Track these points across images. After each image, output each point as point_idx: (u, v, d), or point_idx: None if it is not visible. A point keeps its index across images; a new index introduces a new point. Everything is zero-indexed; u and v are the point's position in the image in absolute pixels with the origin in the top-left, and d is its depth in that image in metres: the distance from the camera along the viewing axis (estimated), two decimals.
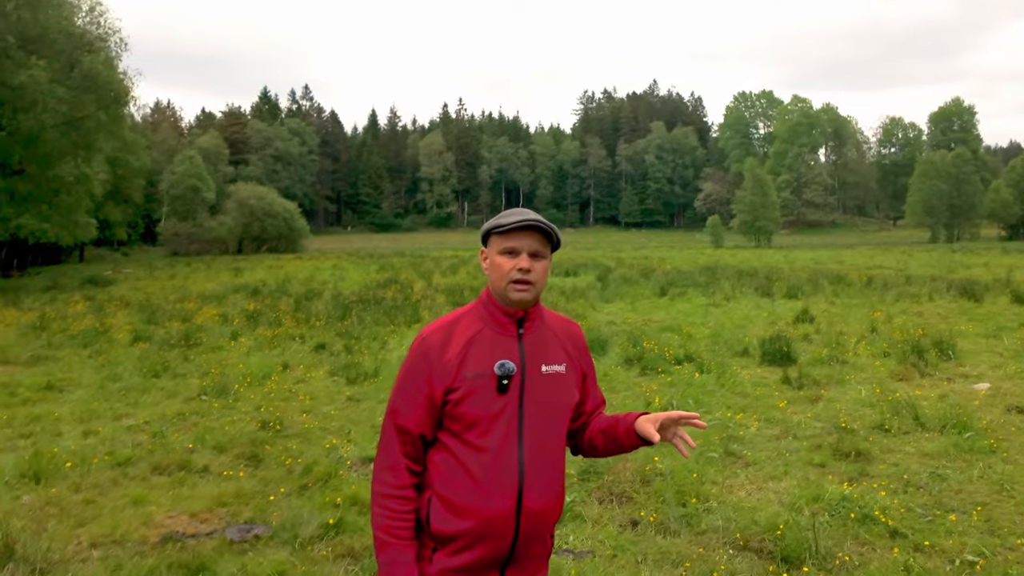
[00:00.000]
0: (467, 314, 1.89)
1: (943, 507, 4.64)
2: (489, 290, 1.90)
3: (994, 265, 31.24)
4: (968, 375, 8.80)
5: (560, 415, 1.87)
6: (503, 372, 1.78)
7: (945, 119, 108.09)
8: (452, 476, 1.78)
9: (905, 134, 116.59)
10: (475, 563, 1.77)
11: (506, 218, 1.84)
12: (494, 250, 1.86)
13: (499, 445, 1.76)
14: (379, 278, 25.16)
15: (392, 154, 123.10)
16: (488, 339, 1.83)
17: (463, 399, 1.77)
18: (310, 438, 6.31)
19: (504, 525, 1.76)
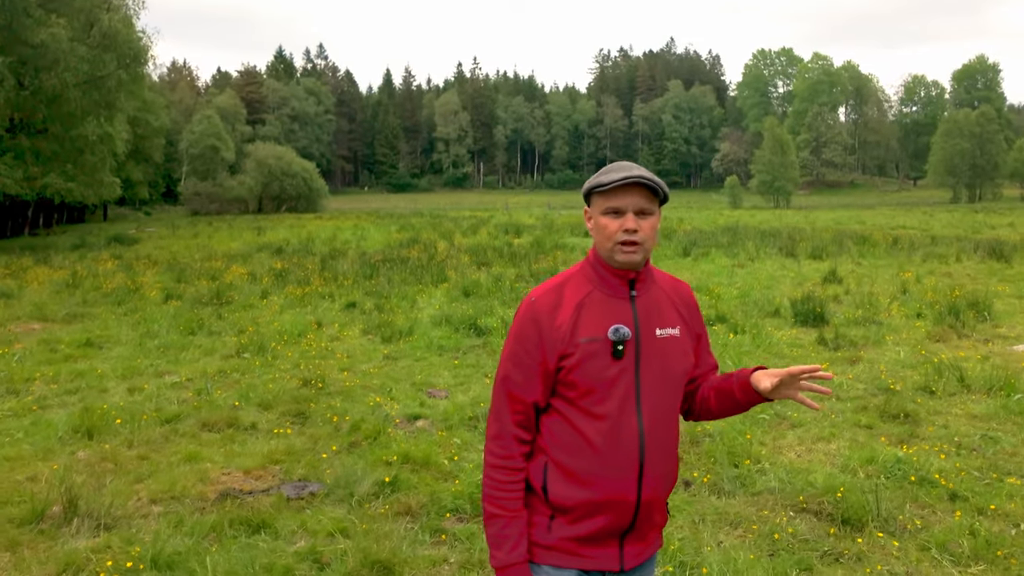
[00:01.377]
0: (575, 276, 1.76)
1: (999, 470, 4.54)
2: (595, 250, 1.76)
3: (1019, 225, 30.63)
4: (1006, 336, 8.62)
5: (677, 380, 1.76)
6: (617, 337, 1.66)
7: (969, 77, 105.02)
8: (570, 444, 1.68)
9: (928, 92, 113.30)
10: (596, 532, 1.69)
11: (608, 175, 1.70)
12: (597, 210, 1.72)
13: (617, 413, 1.66)
14: (401, 238, 25.07)
15: (407, 114, 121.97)
16: (599, 302, 1.71)
17: (577, 366, 1.66)
18: (352, 396, 6.28)
19: (627, 495, 1.68)
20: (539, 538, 1.70)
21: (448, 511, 3.97)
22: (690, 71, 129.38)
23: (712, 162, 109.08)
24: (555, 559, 1.70)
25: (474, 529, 3.78)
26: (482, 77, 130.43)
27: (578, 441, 1.67)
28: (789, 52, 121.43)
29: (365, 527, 3.71)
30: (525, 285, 12.76)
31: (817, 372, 1.73)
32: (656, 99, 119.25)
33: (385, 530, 3.67)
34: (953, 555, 3.49)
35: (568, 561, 1.70)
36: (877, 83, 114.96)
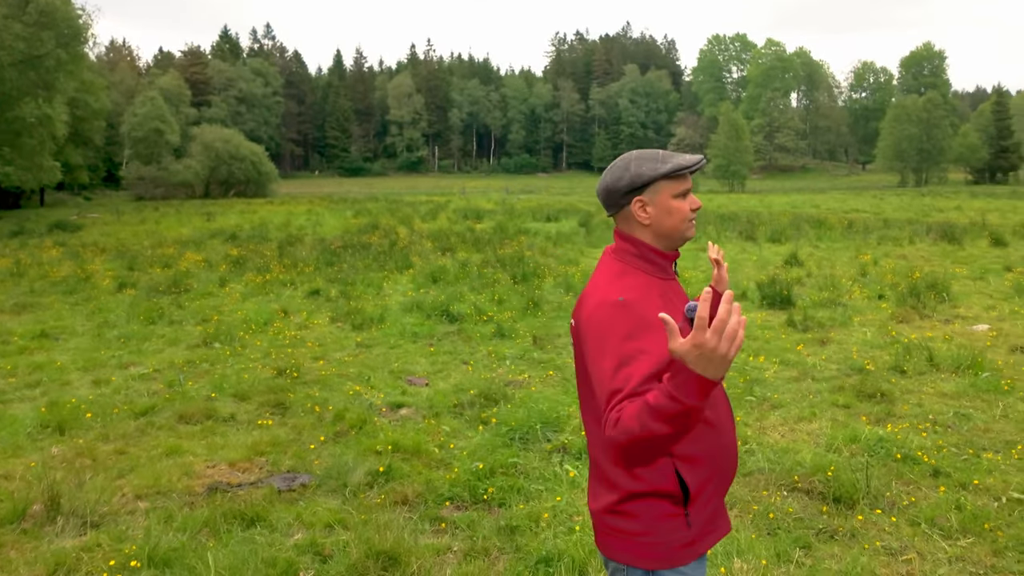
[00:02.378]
0: (627, 269, 1.75)
1: (975, 446, 4.74)
2: (639, 241, 1.76)
3: (966, 208, 31.83)
4: (965, 317, 8.96)
5: None
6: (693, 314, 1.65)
7: (916, 64, 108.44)
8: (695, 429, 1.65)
9: (876, 79, 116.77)
10: (718, 499, 1.77)
11: (675, 159, 1.73)
12: (667, 195, 1.74)
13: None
14: (358, 223, 24.74)
15: (359, 96, 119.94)
16: (660, 286, 1.76)
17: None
18: (330, 385, 6.20)
19: (734, 454, 1.80)
20: (680, 541, 1.70)
21: (446, 499, 3.96)
22: (646, 56, 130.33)
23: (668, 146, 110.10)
24: (697, 549, 1.72)
25: (473, 517, 3.79)
26: (436, 59, 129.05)
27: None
28: (743, 38, 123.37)
29: (363, 518, 3.67)
30: (492, 271, 12.74)
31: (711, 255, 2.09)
32: (612, 83, 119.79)
33: (384, 520, 3.64)
34: (942, 529, 3.64)
35: (707, 542, 1.74)
36: (828, 69, 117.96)
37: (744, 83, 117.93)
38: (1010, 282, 11.19)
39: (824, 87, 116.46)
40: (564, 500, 3.93)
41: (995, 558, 3.38)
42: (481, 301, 10.01)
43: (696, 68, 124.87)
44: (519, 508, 3.87)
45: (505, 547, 3.51)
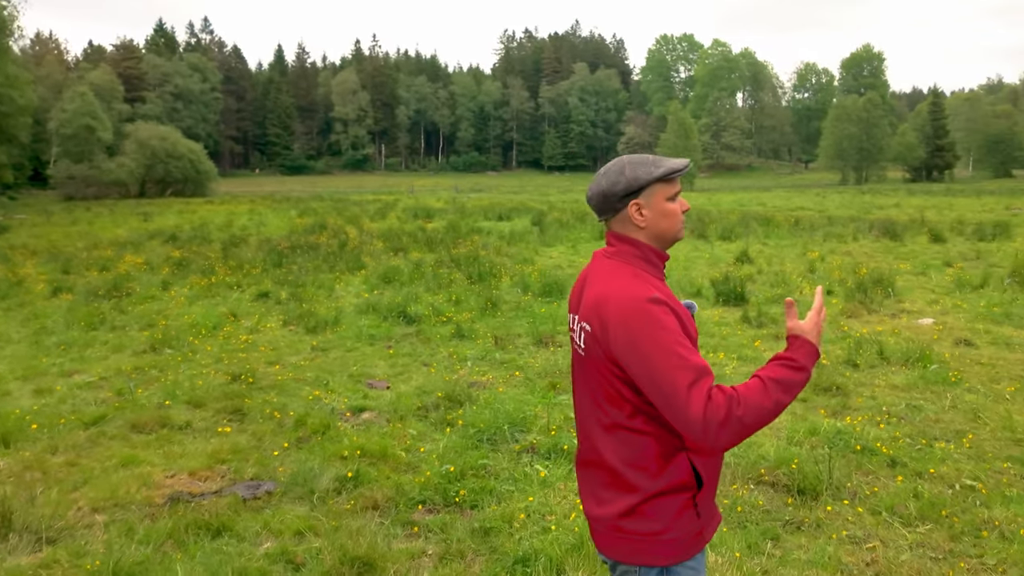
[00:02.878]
0: (633, 270, 1.79)
1: (927, 436, 4.97)
2: (640, 243, 1.82)
3: (905, 206, 33.20)
4: (910, 311, 9.37)
5: None
6: (693, 311, 1.86)
7: (856, 65, 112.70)
8: None
9: (818, 79, 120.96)
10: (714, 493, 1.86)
11: (667, 163, 1.80)
12: (662, 197, 1.81)
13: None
14: (304, 223, 24.34)
15: (302, 92, 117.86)
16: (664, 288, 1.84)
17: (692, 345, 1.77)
18: (287, 390, 6.10)
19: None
20: (692, 532, 1.76)
21: (417, 503, 3.96)
22: (595, 54, 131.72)
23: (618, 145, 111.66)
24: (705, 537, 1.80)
25: (446, 520, 3.79)
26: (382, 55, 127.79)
27: None
28: (690, 38, 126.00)
29: (334, 524, 3.64)
30: (447, 271, 12.72)
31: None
32: (562, 82, 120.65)
33: (355, 526, 3.62)
34: (902, 517, 3.81)
35: (711, 530, 1.82)
36: (772, 70, 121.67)
37: (691, 83, 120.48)
38: (951, 277, 11.75)
39: (768, 87, 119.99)
40: (537, 500, 3.97)
41: (952, 543, 3.56)
42: (438, 302, 9.99)
43: (644, 67, 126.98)
44: (492, 509, 3.89)
45: (480, 549, 3.54)
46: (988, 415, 5.32)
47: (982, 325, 8.31)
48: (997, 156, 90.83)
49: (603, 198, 1.83)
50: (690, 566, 1.77)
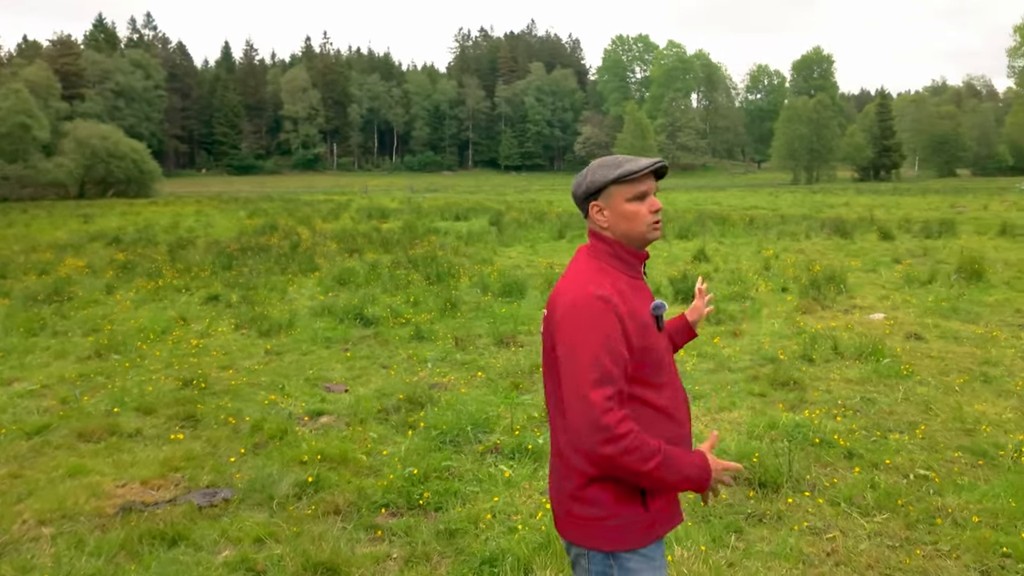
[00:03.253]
0: (602, 267, 1.86)
1: (882, 428, 5.14)
2: (612, 240, 1.89)
3: (854, 204, 34.24)
4: (861, 307, 9.67)
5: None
6: (659, 312, 1.89)
7: (806, 67, 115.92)
8: (650, 420, 1.81)
9: (771, 81, 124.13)
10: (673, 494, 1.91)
11: (629, 164, 1.84)
12: (621, 199, 1.86)
13: (672, 376, 1.92)
14: (254, 224, 23.92)
15: (250, 90, 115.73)
16: (634, 286, 1.89)
17: (648, 345, 1.82)
18: (242, 395, 5.99)
19: (690, 442, 1.95)
20: (639, 524, 1.81)
21: (381, 507, 3.93)
22: (551, 54, 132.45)
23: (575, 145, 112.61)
24: (657, 532, 1.85)
25: (411, 523, 3.78)
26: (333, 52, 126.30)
27: (655, 414, 1.83)
28: (646, 39, 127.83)
29: (295, 530, 3.59)
30: (405, 272, 12.65)
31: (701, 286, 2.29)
32: (518, 81, 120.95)
33: (317, 531, 3.57)
34: (860, 507, 3.94)
35: (666, 527, 1.87)
36: (726, 71, 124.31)
37: (647, 83, 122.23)
38: (899, 273, 12.16)
39: (722, 88, 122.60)
40: (502, 500, 3.98)
41: (908, 531, 3.69)
42: (396, 303, 9.93)
43: (601, 68, 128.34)
44: (457, 511, 3.89)
45: (446, 551, 3.53)
46: (939, 406, 5.53)
47: (931, 319, 8.62)
48: (942, 156, 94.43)
49: (574, 199, 1.94)
50: (640, 556, 1.81)
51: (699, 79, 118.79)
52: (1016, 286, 10.77)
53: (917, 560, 3.40)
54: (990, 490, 4.02)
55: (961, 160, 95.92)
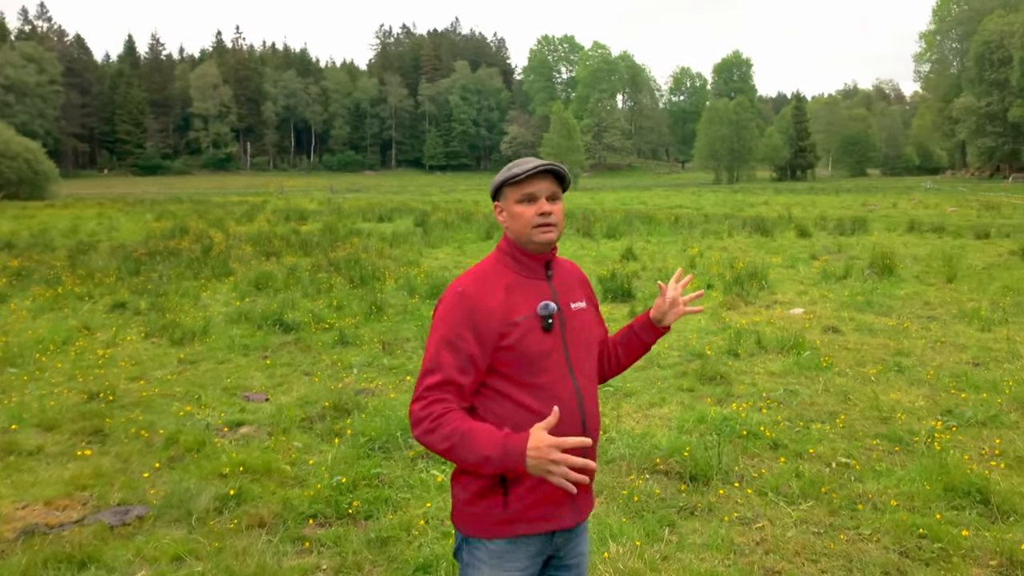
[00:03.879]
0: (493, 264, 1.97)
1: (804, 418, 5.38)
2: (510, 239, 1.98)
3: (773, 203, 35.68)
4: (782, 302, 10.09)
5: (593, 346, 2.07)
6: (547, 312, 1.90)
7: (726, 70, 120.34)
8: (515, 417, 1.86)
9: (693, 83, 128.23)
10: (551, 494, 1.88)
11: (518, 167, 1.92)
12: (511, 200, 1.94)
13: (554, 378, 1.90)
14: (162, 228, 23.03)
15: (156, 87, 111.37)
16: (523, 285, 1.93)
17: (514, 344, 1.86)
18: (154, 407, 5.75)
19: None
20: (496, 518, 1.88)
21: (308, 517, 3.85)
22: (476, 53, 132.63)
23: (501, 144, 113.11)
24: (514, 530, 1.88)
25: (340, 532, 3.71)
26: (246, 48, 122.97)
27: (522, 412, 1.86)
28: (571, 39, 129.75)
29: (216, 545, 3.47)
30: (327, 275, 12.43)
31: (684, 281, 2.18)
32: (443, 80, 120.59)
33: (241, 546, 3.47)
34: (786, 496, 4.11)
35: (529, 527, 1.88)
36: (649, 73, 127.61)
37: (573, 84, 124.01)
38: (817, 269, 12.75)
39: (646, 90, 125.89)
40: (434, 506, 3.96)
41: (832, 517, 3.87)
42: (318, 308, 9.75)
43: (527, 67, 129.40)
44: (388, 518, 3.85)
45: (378, 559, 3.49)
46: (857, 396, 5.82)
47: (847, 313, 9.08)
48: (853, 156, 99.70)
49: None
50: (488, 549, 1.87)
51: (624, 80, 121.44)
52: (924, 280, 11.46)
53: (841, 545, 3.57)
54: (906, 475, 4.26)
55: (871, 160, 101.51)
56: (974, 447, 4.75)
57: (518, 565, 1.89)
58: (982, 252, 14.91)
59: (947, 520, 3.74)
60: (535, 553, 1.91)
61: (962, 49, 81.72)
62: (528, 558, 1.90)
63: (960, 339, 7.67)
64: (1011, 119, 68.94)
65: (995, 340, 7.57)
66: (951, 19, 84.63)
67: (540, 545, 1.92)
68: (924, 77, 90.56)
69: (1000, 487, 4.04)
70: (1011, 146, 71.74)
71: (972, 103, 72.79)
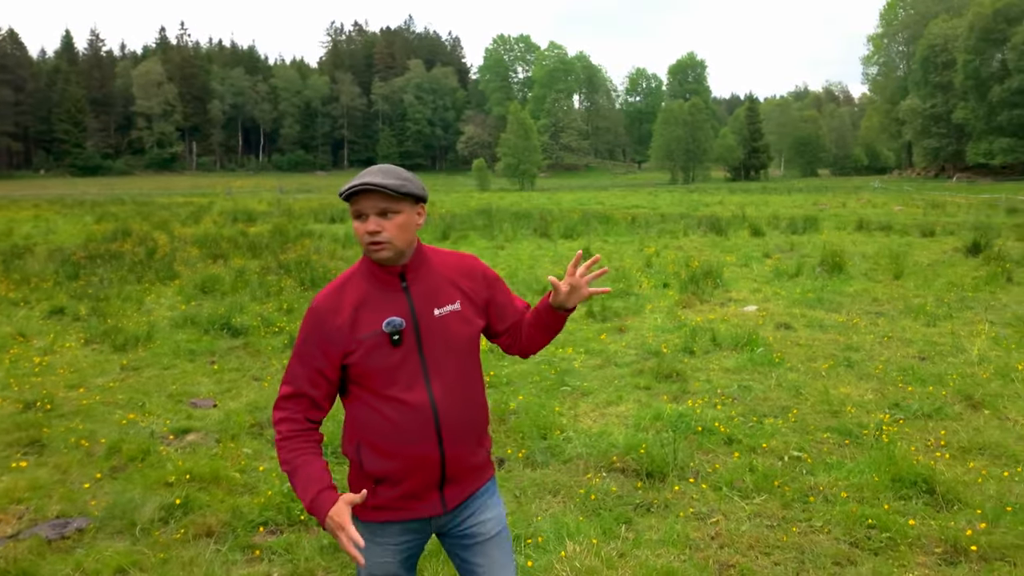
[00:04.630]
0: (354, 275, 2.01)
1: (757, 413, 5.49)
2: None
3: (727, 203, 36.36)
4: (736, 300, 10.29)
5: (464, 348, 2.05)
6: (392, 328, 1.93)
7: (681, 71, 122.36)
8: (373, 424, 1.96)
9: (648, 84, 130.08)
10: (414, 489, 2.00)
11: (348, 183, 1.92)
12: (352, 214, 1.96)
13: (406, 391, 1.94)
14: (103, 230, 22.39)
15: (96, 84, 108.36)
16: (375, 298, 1.96)
17: (360, 360, 1.93)
18: (95, 415, 5.59)
19: (430, 457, 1.97)
20: (367, 502, 1.98)
21: (258, 525, 3.79)
22: (430, 51, 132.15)
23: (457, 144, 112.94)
24: (382, 515, 2.01)
25: (291, 540, 3.66)
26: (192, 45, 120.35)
27: (379, 420, 1.95)
28: (527, 39, 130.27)
29: (161, 556, 3.39)
30: (276, 278, 12.24)
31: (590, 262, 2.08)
32: (396, 78, 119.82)
33: (188, 556, 3.40)
34: (740, 490, 4.19)
35: (394, 515, 2.02)
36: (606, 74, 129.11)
37: (530, 83, 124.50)
38: (769, 267, 13.04)
39: (603, 90, 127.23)
40: None
41: (785, 510, 3.97)
42: (267, 311, 9.60)
43: (483, 67, 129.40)
44: None
45: (331, 566, 3.45)
46: (808, 391, 5.97)
47: (798, 310, 9.31)
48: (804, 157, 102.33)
49: None
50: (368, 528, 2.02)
51: (580, 81, 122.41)
52: (873, 277, 11.82)
53: (793, 537, 3.66)
54: (856, 467, 4.39)
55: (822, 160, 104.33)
56: (920, 439, 4.92)
57: (390, 541, 2.02)
58: (927, 250, 15.44)
59: (895, 510, 3.86)
60: (407, 532, 2.03)
61: (908, 52, 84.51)
62: (399, 535, 2.03)
63: (907, 334, 7.92)
64: (955, 121, 71.51)
65: (940, 335, 7.85)
66: (898, 23, 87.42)
67: (414, 526, 2.04)
68: (872, 79, 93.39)
69: (945, 477, 4.19)
70: (955, 147, 74.38)
71: (918, 105, 75.27)
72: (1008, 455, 4.61)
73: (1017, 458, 4.56)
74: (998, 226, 20.51)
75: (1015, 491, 4.07)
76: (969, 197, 38.84)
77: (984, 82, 66.10)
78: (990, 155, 66.91)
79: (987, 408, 5.49)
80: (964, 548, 3.47)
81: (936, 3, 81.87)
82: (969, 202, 34.70)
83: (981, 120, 67.46)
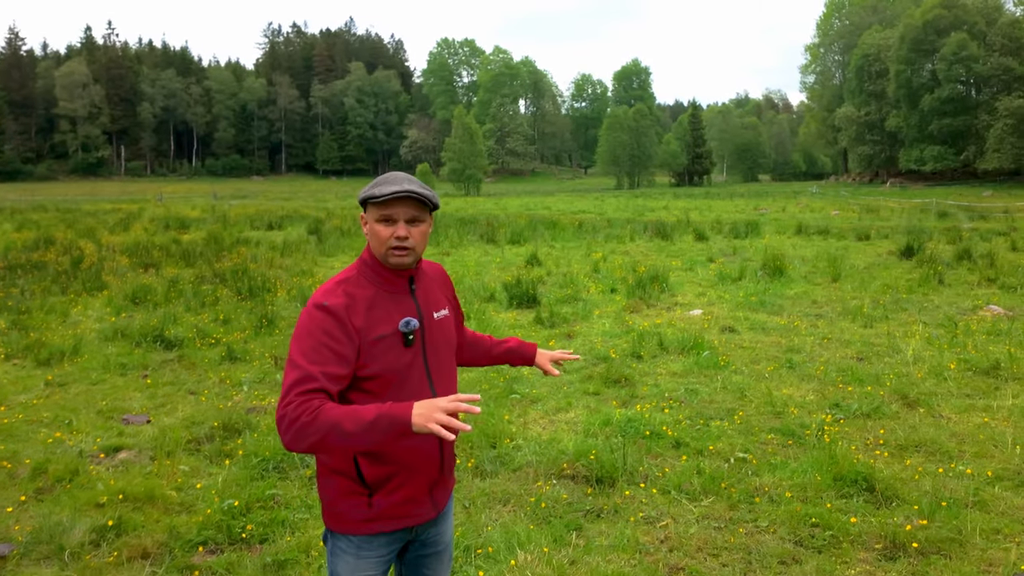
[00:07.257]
0: (354, 277, 2.01)
1: (704, 416, 5.61)
2: (371, 252, 2.04)
3: (672, 208, 37.06)
4: (682, 304, 10.50)
5: (452, 352, 2.20)
6: (408, 329, 1.98)
7: (626, 77, 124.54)
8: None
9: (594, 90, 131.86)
10: (413, 493, 2.03)
11: (381, 187, 1.97)
12: (372, 217, 1.99)
13: (414, 391, 1.99)
14: (24, 238, 21.48)
15: (15, 85, 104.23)
16: (385, 301, 1.99)
17: (374, 360, 1.93)
18: (18, 434, 5.36)
19: (432, 456, 2.04)
20: (359, 517, 2.00)
21: (197, 545, 3.69)
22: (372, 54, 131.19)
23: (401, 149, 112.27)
24: (378, 527, 2.02)
25: (233, 559, 3.58)
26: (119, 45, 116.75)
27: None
28: (472, 43, 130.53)
29: None
30: (211, 287, 11.96)
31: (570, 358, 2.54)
32: (337, 81, 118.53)
33: None
34: (688, 493, 4.27)
35: (388, 525, 2.03)
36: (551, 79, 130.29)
37: (475, 88, 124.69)
38: (714, 271, 13.34)
39: (549, 96, 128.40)
40: None
41: (732, 511, 4.06)
42: (203, 322, 9.37)
43: (426, 70, 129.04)
44: (286, 541, 3.74)
45: None
46: (752, 393, 6.13)
47: (742, 313, 9.55)
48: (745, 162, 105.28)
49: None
50: (350, 541, 2.02)
51: (526, 86, 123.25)
52: (812, 280, 12.21)
53: (740, 538, 3.75)
54: (799, 467, 4.52)
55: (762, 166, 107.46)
56: (860, 438, 5.10)
57: (375, 553, 2.04)
58: (863, 253, 16.04)
59: (837, 508, 3.99)
60: (393, 541, 2.07)
61: (843, 62, 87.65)
62: (385, 546, 2.06)
63: (845, 335, 8.21)
64: (888, 128, 74.47)
65: (877, 336, 8.16)
66: (833, 33, 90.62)
67: (399, 535, 2.07)
68: (809, 88, 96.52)
69: (884, 474, 4.35)
70: (888, 153, 77.44)
71: (852, 113, 78.11)
72: (942, 452, 4.81)
73: (951, 454, 4.77)
74: (930, 230, 21.45)
75: (949, 486, 4.26)
76: (902, 202, 40.49)
77: (915, 91, 69.03)
78: (921, 162, 69.84)
79: (922, 406, 5.73)
80: (903, 543, 3.61)
81: (870, 14, 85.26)
82: (902, 207, 36.20)
83: (913, 128, 70.40)
